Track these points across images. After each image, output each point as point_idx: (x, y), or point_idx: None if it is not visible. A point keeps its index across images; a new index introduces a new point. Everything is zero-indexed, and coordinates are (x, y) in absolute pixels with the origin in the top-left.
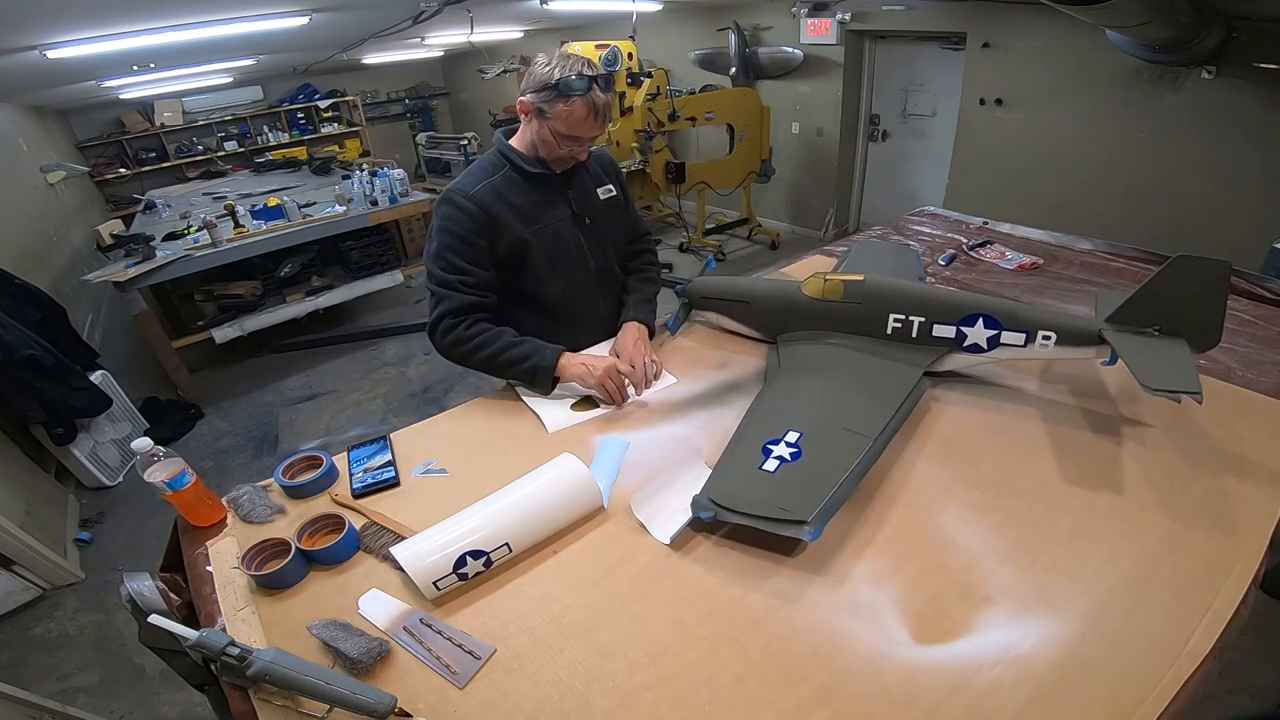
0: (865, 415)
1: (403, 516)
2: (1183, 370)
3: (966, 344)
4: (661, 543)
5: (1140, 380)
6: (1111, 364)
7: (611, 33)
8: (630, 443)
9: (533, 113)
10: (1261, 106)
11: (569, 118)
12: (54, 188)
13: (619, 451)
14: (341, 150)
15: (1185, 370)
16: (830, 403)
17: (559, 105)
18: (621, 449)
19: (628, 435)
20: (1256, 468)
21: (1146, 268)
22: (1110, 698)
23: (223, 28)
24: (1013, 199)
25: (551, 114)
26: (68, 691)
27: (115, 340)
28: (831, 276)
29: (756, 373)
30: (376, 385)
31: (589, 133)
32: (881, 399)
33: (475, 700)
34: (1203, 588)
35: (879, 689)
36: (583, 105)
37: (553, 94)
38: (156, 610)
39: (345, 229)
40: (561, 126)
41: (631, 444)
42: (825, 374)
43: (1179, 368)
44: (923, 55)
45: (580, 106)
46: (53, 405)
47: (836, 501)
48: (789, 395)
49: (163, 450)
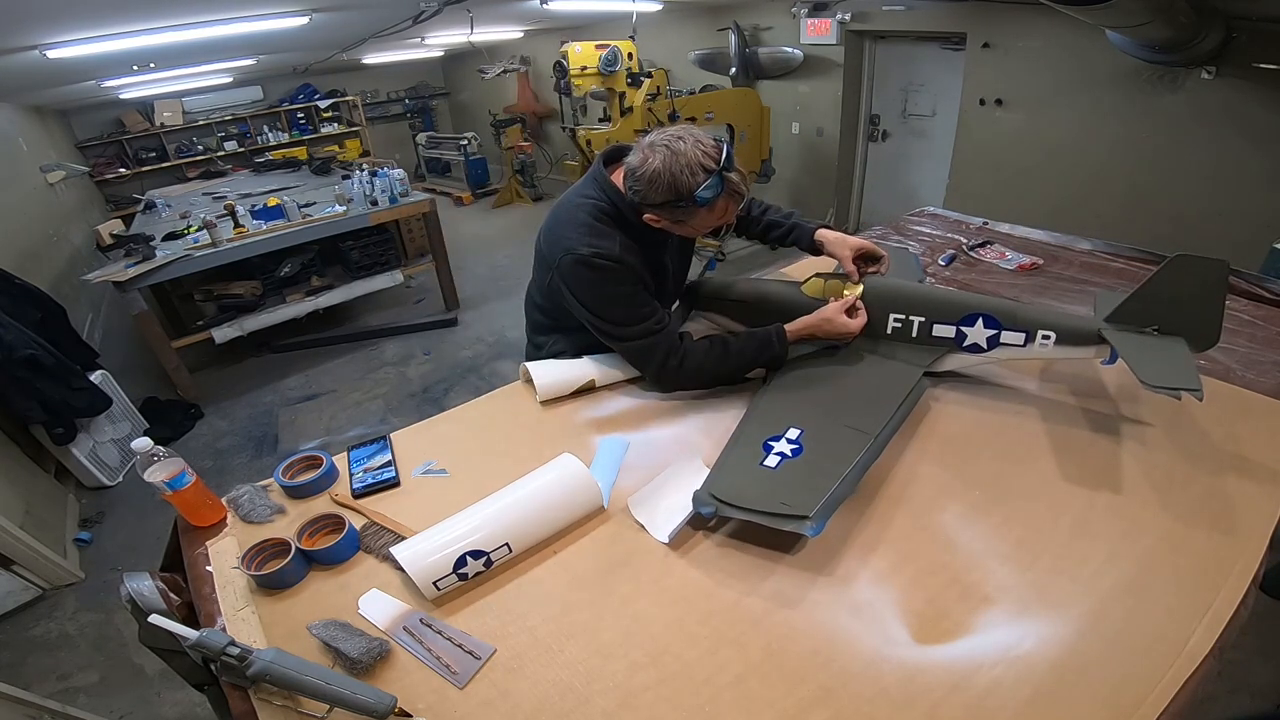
0: (866, 413)
1: (403, 516)
2: (1182, 368)
3: (966, 344)
4: (661, 542)
5: (1141, 378)
6: (1111, 363)
7: (611, 33)
8: (630, 443)
9: (662, 218)
10: (1261, 106)
11: (714, 216)
12: (54, 188)
13: (619, 452)
14: (341, 150)
15: (1185, 368)
16: (831, 401)
17: (699, 212)
18: (621, 449)
19: (627, 436)
20: (1256, 468)
21: (1146, 268)
22: (1110, 698)
23: (223, 28)
24: (1013, 199)
25: (692, 220)
26: (68, 691)
27: (115, 340)
28: (832, 277)
29: (755, 374)
30: (376, 385)
31: (734, 212)
32: (882, 398)
33: (475, 700)
34: (1203, 588)
35: (879, 689)
36: (724, 201)
37: (686, 206)
38: (156, 610)
39: (345, 229)
40: (711, 223)
41: (631, 445)
42: (825, 373)
43: (1179, 366)
44: (923, 55)
45: (723, 203)
46: (53, 405)
47: (838, 497)
48: (789, 393)
49: (163, 450)
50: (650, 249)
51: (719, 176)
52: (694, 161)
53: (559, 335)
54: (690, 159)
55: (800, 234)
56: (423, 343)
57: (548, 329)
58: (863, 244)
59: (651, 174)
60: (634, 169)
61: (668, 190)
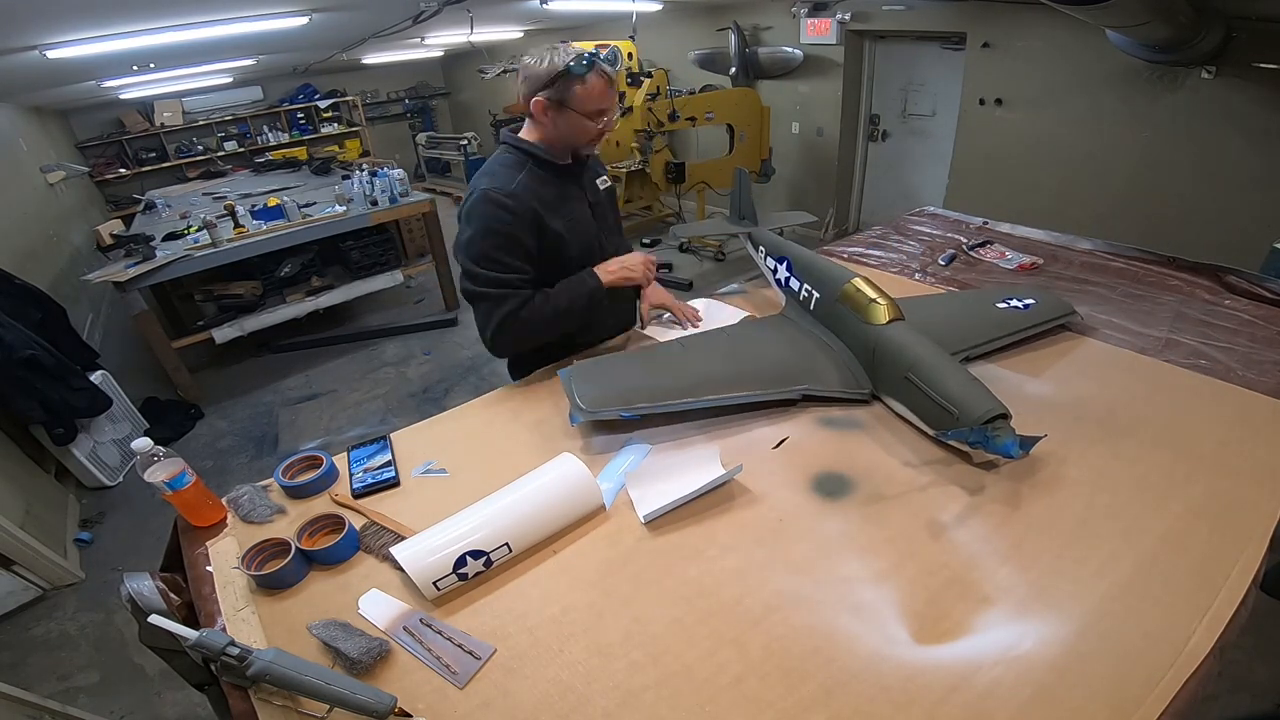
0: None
1: (403, 516)
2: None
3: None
4: (640, 521)
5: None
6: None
7: (611, 33)
8: (651, 449)
9: (548, 107)
10: (1261, 106)
11: (591, 94)
12: (54, 188)
13: (637, 457)
14: (341, 150)
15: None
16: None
17: (575, 88)
18: (641, 455)
19: (648, 444)
20: (1256, 468)
21: (1146, 267)
22: (1110, 698)
23: (223, 28)
24: (1012, 199)
25: (571, 99)
26: (68, 691)
27: (115, 340)
28: (878, 300)
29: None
30: (376, 385)
31: (611, 102)
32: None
33: (475, 700)
34: (1203, 588)
35: (879, 689)
36: (597, 78)
37: (565, 80)
38: (156, 610)
39: (345, 229)
40: (589, 105)
41: (652, 450)
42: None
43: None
44: (923, 55)
45: (596, 80)
46: (53, 405)
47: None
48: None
49: (163, 450)
50: (561, 185)
51: (589, 56)
52: (569, 51)
53: None
54: (564, 50)
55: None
56: (423, 343)
57: None
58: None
59: (536, 61)
60: (526, 66)
61: (548, 71)
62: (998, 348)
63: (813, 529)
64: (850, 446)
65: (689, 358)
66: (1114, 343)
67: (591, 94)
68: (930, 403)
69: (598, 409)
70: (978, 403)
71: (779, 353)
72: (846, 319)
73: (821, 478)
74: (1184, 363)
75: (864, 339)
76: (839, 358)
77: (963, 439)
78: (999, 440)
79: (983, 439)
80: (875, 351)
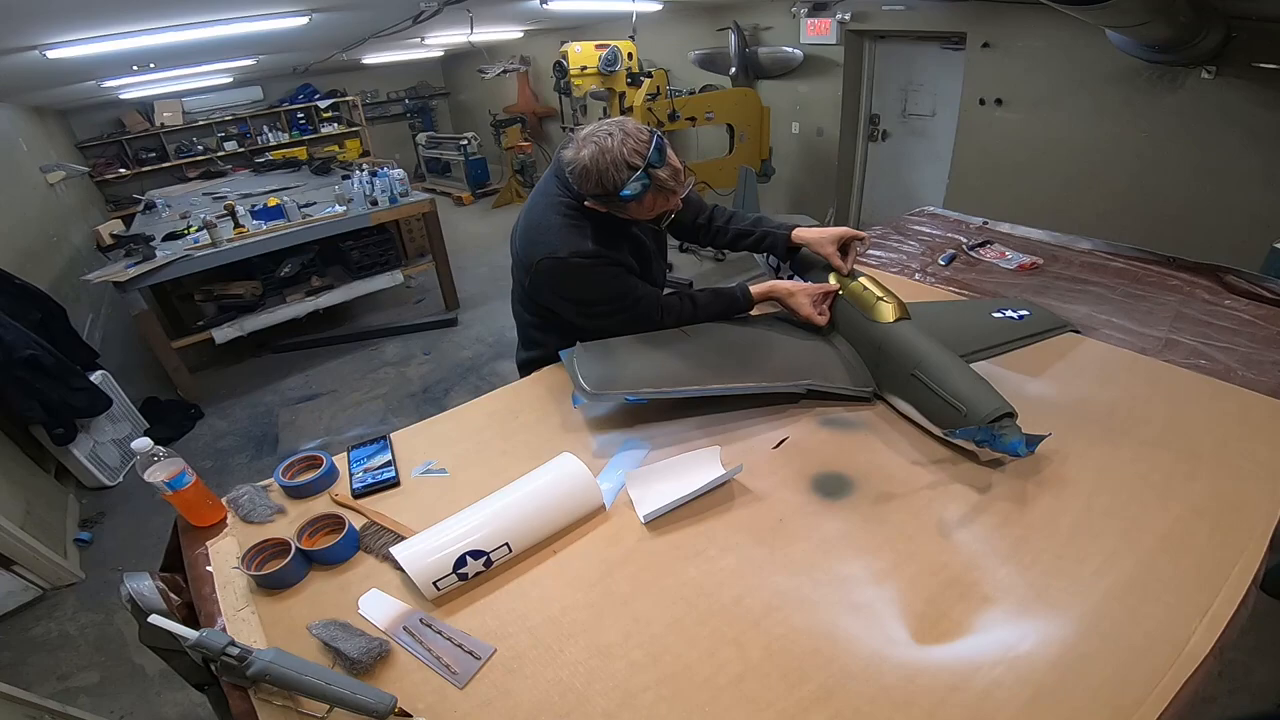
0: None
1: (403, 516)
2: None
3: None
4: (647, 528)
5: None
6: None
7: (611, 33)
8: (650, 448)
9: (606, 210)
10: (1261, 106)
11: (647, 209)
12: (54, 188)
13: (638, 456)
14: (341, 150)
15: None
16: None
17: (629, 205)
18: (641, 454)
19: (648, 444)
20: (1256, 468)
21: (1147, 267)
22: (1110, 698)
23: (222, 28)
24: (1013, 199)
25: (626, 212)
26: (68, 691)
27: (115, 340)
28: (885, 298)
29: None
30: (376, 385)
31: (678, 183)
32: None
33: (475, 700)
34: (1203, 588)
35: (879, 689)
36: (653, 196)
37: (617, 202)
38: (156, 610)
39: (345, 229)
40: (653, 211)
41: (652, 449)
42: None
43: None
44: (923, 55)
45: (651, 198)
46: (53, 405)
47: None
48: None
49: (163, 450)
50: (623, 226)
51: (644, 173)
52: (619, 159)
53: (554, 335)
54: (616, 156)
55: (775, 240)
56: (423, 343)
57: (540, 330)
58: (842, 233)
59: (581, 170)
60: (567, 163)
61: (596, 185)
62: (993, 356)
63: (813, 529)
64: (850, 446)
65: (694, 346)
66: (1114, 343)
67: (645, 208)
68: (937, 401)
69: (602, 390)
70: (985, 401)
71: (785, 346)
72: (852, 317)
73: (821, 478)
74: (1184, 363)
75: (870, 336)
76: (844, 355)
77: (970, 437)
78: (1006, 438)
79: (990, 437)
80: (881, 349)
